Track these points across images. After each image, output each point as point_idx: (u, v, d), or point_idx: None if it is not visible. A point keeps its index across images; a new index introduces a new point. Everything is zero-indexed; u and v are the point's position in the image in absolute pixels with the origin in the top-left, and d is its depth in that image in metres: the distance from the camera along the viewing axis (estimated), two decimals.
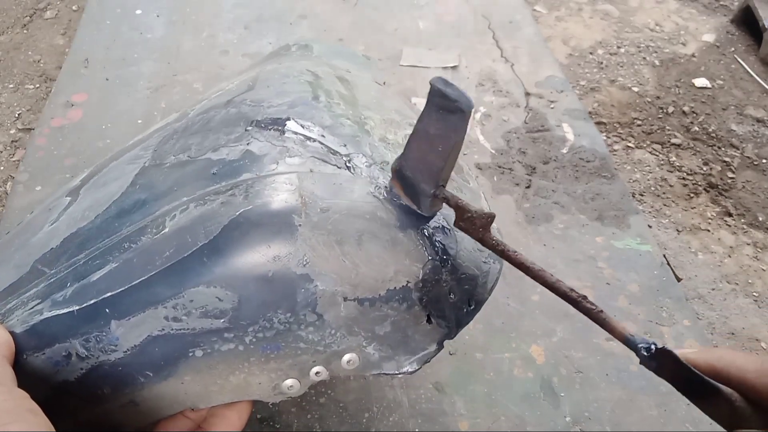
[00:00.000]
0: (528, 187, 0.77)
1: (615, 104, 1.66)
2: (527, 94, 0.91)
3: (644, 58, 1.81)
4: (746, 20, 1.90)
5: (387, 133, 0.46)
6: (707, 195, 1.45)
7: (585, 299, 0.33)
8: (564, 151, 0.82)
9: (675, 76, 1.75)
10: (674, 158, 1.52)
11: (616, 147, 1.55)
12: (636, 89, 1.70)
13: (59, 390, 0.34)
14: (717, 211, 1.41)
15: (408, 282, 0.36)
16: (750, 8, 1.86)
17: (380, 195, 0.38)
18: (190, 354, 0.34)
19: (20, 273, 0.40)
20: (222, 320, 0.34)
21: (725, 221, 1.39)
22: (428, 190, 0.36)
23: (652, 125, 1.60)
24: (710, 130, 1.59)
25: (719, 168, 1.50)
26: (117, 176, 0.45)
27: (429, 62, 0.95)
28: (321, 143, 0.41)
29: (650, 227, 1.35)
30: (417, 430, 0.54)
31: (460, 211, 0.35)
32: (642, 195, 1.44)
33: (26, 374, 0.32)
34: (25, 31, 1.81)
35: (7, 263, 0.42)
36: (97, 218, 0.41)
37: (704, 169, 1.50)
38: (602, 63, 1.78)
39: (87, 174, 0.50)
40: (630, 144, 1.55)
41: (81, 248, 0.39)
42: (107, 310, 0.34)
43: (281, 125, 0.42)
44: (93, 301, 0.34)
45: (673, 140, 1.56)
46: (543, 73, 0.94)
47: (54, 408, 0.29)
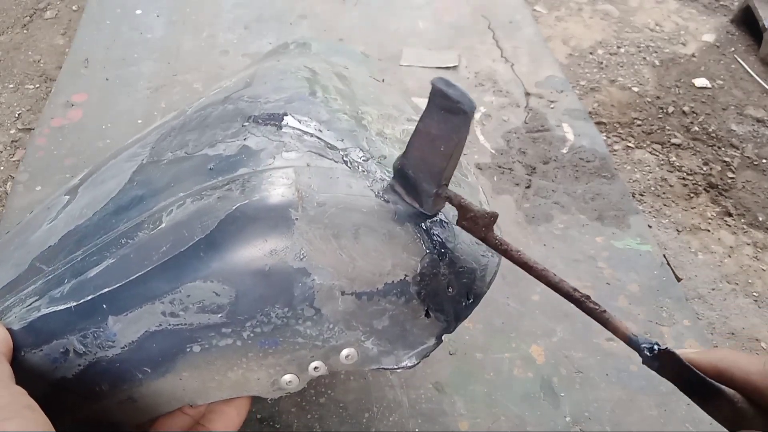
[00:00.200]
0: (528, 187, 0.77)
1: (615, 104, 1.66)
2: (527, 94, 0.91)
3: (644, 58, 1.81)
4: (746, 20, 1.90)
5: (384, 128, 0.46)
6: (707, 195, 1.45)
7: (588, 299, 0.33)
8: (564, 151, 0.82)
9: (675, 76, 1.75)
10: (674, 158, 1.52)
11: (616, 147, 1.54)
12: (636, 89, 1.70)
13: (57, 387, 0.34)
14: (717, 211, 1.41)
15: (406, 276, 0.36)
16: (750, 8, 1.86)
17: (377, 189, 0.38)
18: (188, 350, 0.34)
19: (19, 271, 0.40)
20: (219, 315, 0.33)
21: (725, 221, 1.39)
22: (430, 190, 0.35)
23: (652, 125, 1.60)
24: (710, 130, 1.59)
25: (719, 168, 1.50)
26: (115, 174, 0.45)
27: (429, 62, 0.95)
28: (318, 138, 0.41)
29: (650, 227, 1.35)
30: (417, 430, 0.54)
31: (463, 211, 0.35)
32: (642, 195, 1.44)
33: (24, 371, 0.32)
34: (25, 31, 1.81)
35: (6, 262, 0.42)
36: (95, 215, 0.41)
37: (704, 169, 1.49)
38: (602, 63, 1.78)
39: (86, 173, 0.50)
40: (630, 144, 1.55)
41: (79, 245, 0.39)
42: (104, 306, 0.33)
43: (278, 120, 0.42)
44: (90, 297, 0.34)
45: (673, 140, 1.56)
46: (543, 73, 0.94)
47: (52, 405, 0.29)
